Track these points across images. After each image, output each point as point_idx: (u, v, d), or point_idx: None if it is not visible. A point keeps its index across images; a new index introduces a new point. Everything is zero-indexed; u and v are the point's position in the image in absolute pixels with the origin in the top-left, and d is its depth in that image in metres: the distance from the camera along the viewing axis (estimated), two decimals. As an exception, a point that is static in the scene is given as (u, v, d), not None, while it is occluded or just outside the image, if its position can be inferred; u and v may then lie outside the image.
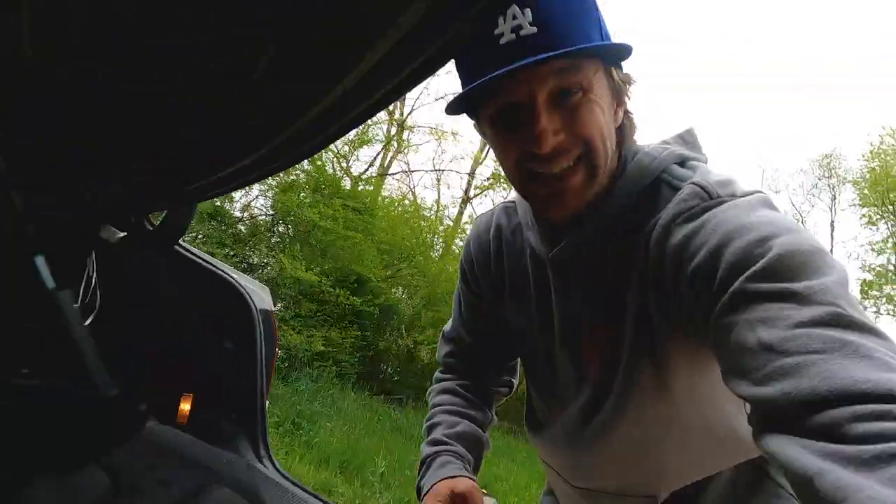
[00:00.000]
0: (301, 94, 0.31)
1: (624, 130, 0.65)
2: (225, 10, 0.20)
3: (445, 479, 0.73)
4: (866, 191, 14.01)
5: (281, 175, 7.98)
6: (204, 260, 1.08)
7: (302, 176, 8.06)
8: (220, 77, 0.32)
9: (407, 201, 11.89)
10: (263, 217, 8.19)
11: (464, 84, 0.63)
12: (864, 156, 14.31)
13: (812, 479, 0.36)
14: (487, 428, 0.89)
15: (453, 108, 0.65)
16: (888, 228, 13.93)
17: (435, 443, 0.81)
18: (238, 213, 8.14)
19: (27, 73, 0.23)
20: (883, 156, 13.66)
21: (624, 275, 0.64)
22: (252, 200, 8.16)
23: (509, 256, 0.79)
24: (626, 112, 0.66)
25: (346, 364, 7.26)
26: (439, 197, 13.00)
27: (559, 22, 0.56)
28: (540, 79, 0.57)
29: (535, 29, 0.55)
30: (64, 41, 0.20)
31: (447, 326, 0.97)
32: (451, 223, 12.32)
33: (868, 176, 13.94)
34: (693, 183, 0.59)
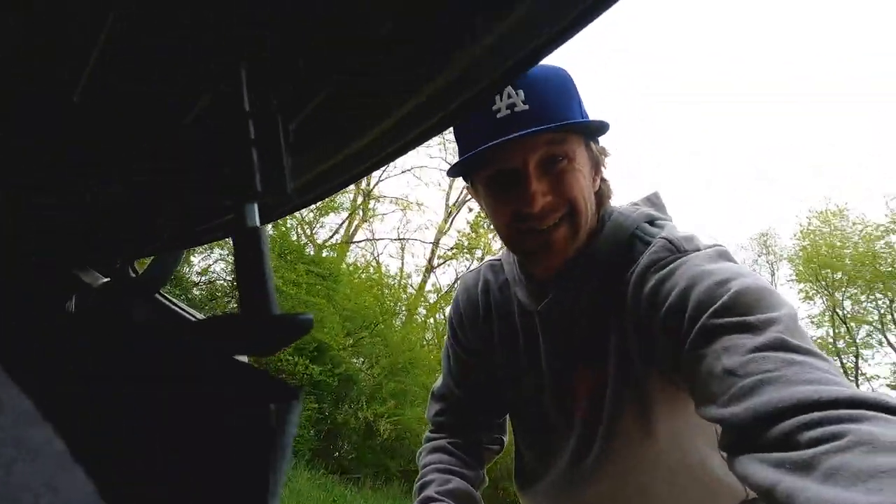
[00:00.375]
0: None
1: (601, 194, 0.75)
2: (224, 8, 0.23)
3: None
4: (801, 267, 15.12)
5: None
6: (185, 311, 1.06)
7: (266, 241, 7.98)
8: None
9: (371, 269, 11.89)
10: (222, 282, 7.96)
11: (462, 152, 0.71)
12: (795, 235, 15.63)
13: (771, 491, 0.40)
14: (479, 486, 0.88)
15: (454, 171, 0.74)
16: (823, 303, 14.93)
17: (427, 500, 0.80)
18: (195, 278, 7.89)
19: (27, 73, 0.25)
20: (812, 235, 14.95)
21: (606, 322, 0.70)
22: (212, 264, 7.96)
23: (498, 310, 0.84)
24: (603, 179, 0.75)
25: (300, 439, 6.82)
26: (403, 265, 13.10)
27: (547, 102, 0.66)
28: (531, 148, 0.66)
29: (527, 107, 0.65)
30: (64, 41, 0.22)
31: (436, 385, 0.99)
32: (414, 292, 12.33)
33: (801, 254, 15.12)
34: (663, 237, 0.68)
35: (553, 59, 0.76)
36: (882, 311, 14.23)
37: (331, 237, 12.09)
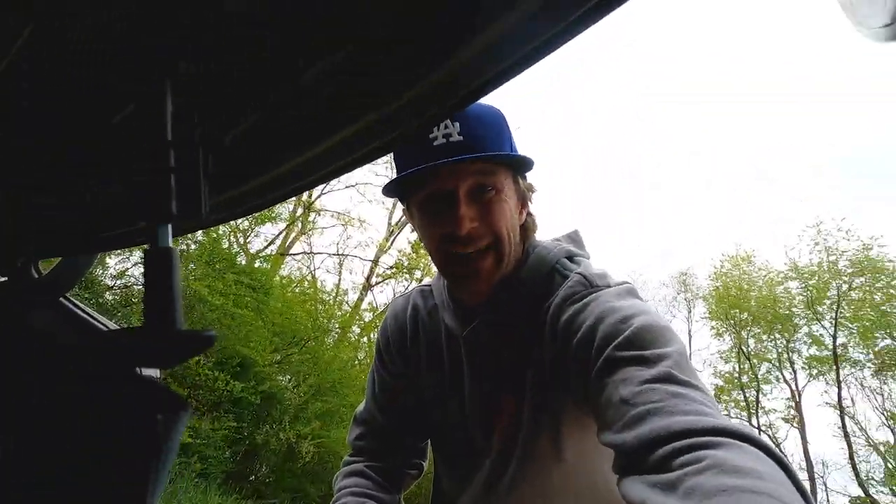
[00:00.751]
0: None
1: (527, 227, 0.81)
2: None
3: None
4: (713, 306, 16.41)
5: (169, 244, 7.40)
6: (93, 318, 1.00)
7: (193, 247, 7.57)
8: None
9: (306, 283, 11.55)
10: (140, 287, 7.41)
11: (399, 169, 0.76)
12: (709, 276, 16.98)
13: None
14: None
15: (389, 190, 0.78)
16: (731, 340, 16.23)
17: None
18: (109, 281, 7.31)
19: (27, 74, 0.25)
20: (724, 278, 16.31)
21: (525, 350, 0.75)
22: (130, 268, 7.41)
23: (426, 334, 0.88)
24: (529, 213, 0.81)
25: (213, 460, 6.39)
26: (340, 281, 12.83)
27: (479, 135, 0.72)
28: (463, 175, 0.71)
29: (461, 138, 0.70)
30: (64, 41, 0.23)
31: (359, 409, 1.00)
32: (350, 309, 12.09)
33: (714, 294, 16.42)
34: (579, 273, 0.75)
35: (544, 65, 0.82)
36: (780, 350, 15.67)
37: (266, 248, 11.65)
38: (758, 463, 0.43)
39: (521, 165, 0.77)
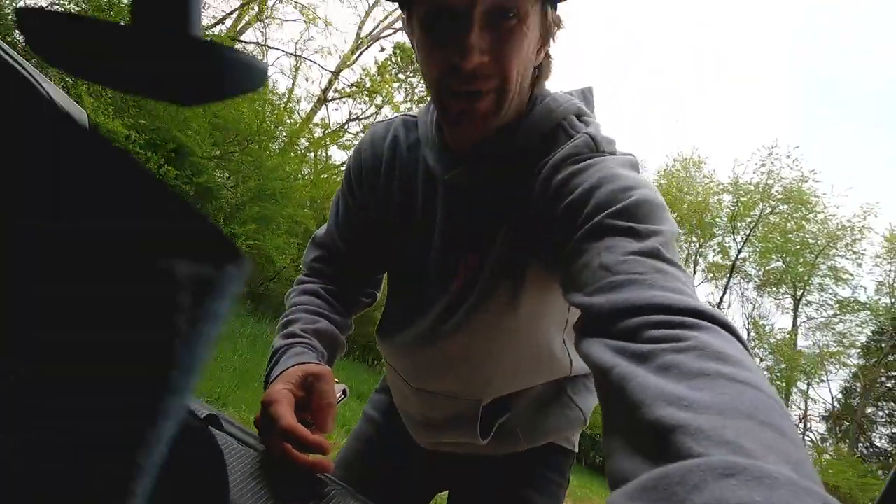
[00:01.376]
0: None
1: (540, 71, 0.69)
2: None
3: (298, 364, 0.69)
4: (651, 200, 17.29)
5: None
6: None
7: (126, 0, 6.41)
8: None
9: (255, 79, 10.47)
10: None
11: None
12: (658, 172, 17.52)
13: (607, 372, 0.44)
14: (345, 333, 0.88)
15: None
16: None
17: (290, 335, 0.78)
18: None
19: None
20: (669, 176, 16.91)
21: (506, 205, 0.69)
22: (50, 6, 6.23)
23: (402, 169, 0.80)
24: (548, 54, 0.68)
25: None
26: (293, 86, 11.78)
27: None
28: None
29: None
30: None
31: (319, 231, 0.95)
32: (301, 119, 11.35)
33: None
34: (587, 133, 0.67)
35: None
36: (690, 252, 17.27)
37: (213, 25, 10.16)
38: (739, 353, 0.41)
39: None
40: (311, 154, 11.51)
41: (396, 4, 0.65)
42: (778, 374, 14.54)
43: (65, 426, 0.12)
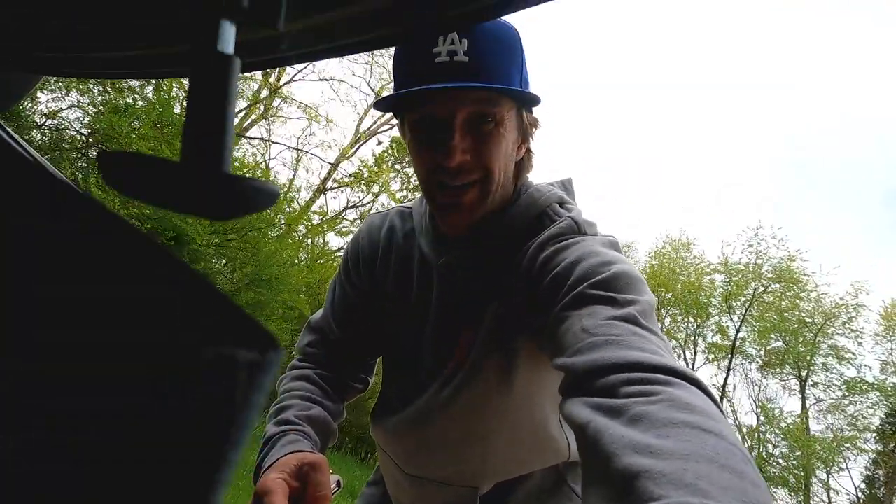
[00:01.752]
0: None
1: (522, 165, 0.76)
2: None
3: (294, 452, 0.69)
4: (646, 280, 17.44)
5: (111, 93, 6.72)
6: (26, 151, 0.86)
7: (142, 104, 6.90)
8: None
9: (259, 171, 10.99)
10: (74, 134, 6.75)
11: (397, 86, 0.69)
12: (648, 253, 17.88)
13: (584, 427, 0.46)
14: (338, 419, 0.88)
15: (382, 105, 0.71)
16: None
17: (283, 422, 0.78)
18: (38, 119, 6.58)
19: None
20: (661, 257, 17.23)
21: (495, 284, 0.74)
22: (64, 109, 6.68)
23: (398, 256, 0.84)
24: (528, 150, 0.76)
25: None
26: (294, 177, 12.32)
27: (488, 60, 0.65)
28: (462, 101, 0.65)
29: (467, 59, 0.63)
30: None
31: (315, 316, 0.97)
32: (300, 207, 11.73)
33: (648, 270, 17.40)
34: (570, 217, 0.73)
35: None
36: (689, 333, 17.11)
37: (221, 124, 10.82)
38: (706, 404, 0.44)
39: (528, 100, 0.71)
40: (309, 240, 11.76)
41: (391, 114, 0.75)
42: (794, 463, 13.78)
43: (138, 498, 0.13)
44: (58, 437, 0.12)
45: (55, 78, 5.97)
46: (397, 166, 13.53)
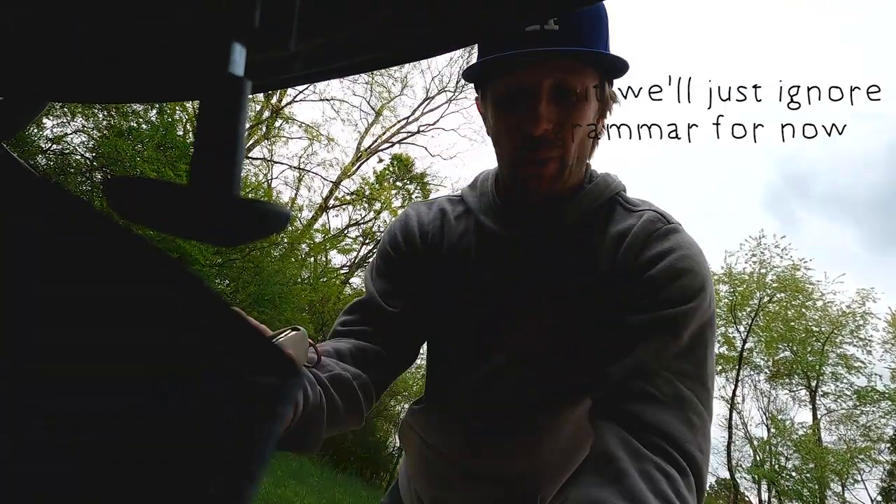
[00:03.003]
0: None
1: (595, 141, 0.76)
2: None
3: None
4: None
5: (115, 117, 6.81)
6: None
7: (145, 127, 6.98)
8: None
9: (261, 191, 11.07)
10: (79, 158, 6.82)
11: (481, 54, 0.70)
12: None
13: (611, 455, 0.57)
14: (337, 410, 0.73)
15: (469, 73, 0.73)
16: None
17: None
18: (44, 144, 6.66)
19: None
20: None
21: (566, 259, 0.74)
22: (69, 134, 6.76)
23: (450, 235, 0.84)
24: (604, 126, 0.76)
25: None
26: (296, 196, 12.40)
27: (578, 26, 0.66)
28: (549, 70, 0.66)
29: (556, 27, 0.64)
30: None
31: (353, 301, 0.89)
32: (302, 226, 11.77)
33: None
34: (653, 210, 0.75)
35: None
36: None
37: (223, 145, 10.92)
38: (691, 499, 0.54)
39: (614, 67, 0.71)
40: (312, 258, 11.77)
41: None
42: (808, 476, 13.52)
43: None
44: (58, 436, 0.12)
45: (61, 104, 6.05)
46: (398, 183, 13.61)
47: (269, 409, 0.14)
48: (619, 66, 0.70)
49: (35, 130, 6.34)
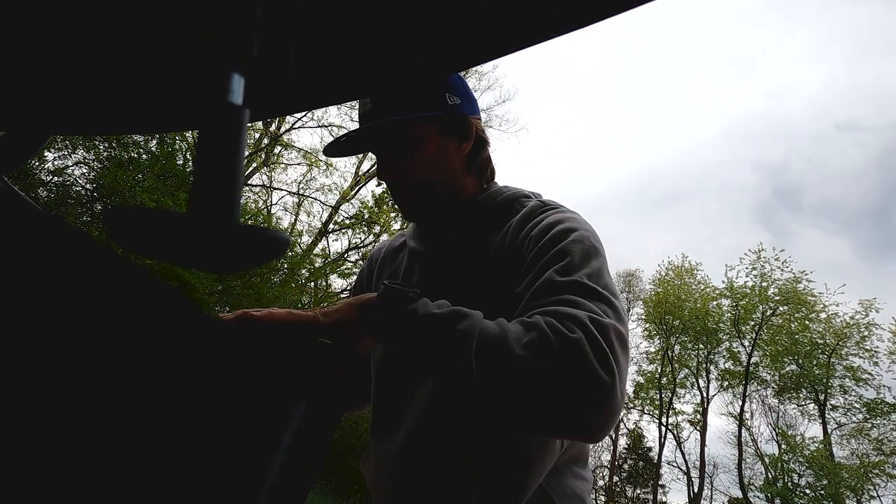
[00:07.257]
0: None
1: (477, 165, 0.87)
2: None
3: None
4: (651, 310, 17.26)
5: (115, 148, 6.88)
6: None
7: (146, 157, 7.06)
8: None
9: (261, 217, 11.12)
10: (80, 189, 6.87)
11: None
12: (652, 281, 17.78)
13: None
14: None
15: (329, 151, 0.85)
16: (660, 343, 17.22)
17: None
18: (45, 176, 6.71)
19: None
20: (665, 285, 17.11)
21: (481, 258, 0.81)
22: (70, 166, 6.83)
23: (391, 259, 0.98)
24: (484, 159, 0.88)
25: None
26: (296, 222, 12.44)
27: (387, 100, 0.78)
28: (373, 138, 0.81)
29: (371, 105, 0.79)
30: None
31: None
32: (302, 251, 11.78)
33: (654, 298, 17.25)
34: (540, 200, 0.85)
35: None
36: (700, 360, 16.79)
37: (223, 173, 11.01)
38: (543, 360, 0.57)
39: (445, 120, 0.81)
40: (312, 283, 11.75)
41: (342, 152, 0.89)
42: (822, 493, 13.22)
43: None
44: (57, 436, 0.12)
45: (62, 136, 6.11)
46: (397, 206, 13.67)
47: (274, 436, 0.14)
48: (448, 117, 0.81)
49: (36, 163, 6.41)
